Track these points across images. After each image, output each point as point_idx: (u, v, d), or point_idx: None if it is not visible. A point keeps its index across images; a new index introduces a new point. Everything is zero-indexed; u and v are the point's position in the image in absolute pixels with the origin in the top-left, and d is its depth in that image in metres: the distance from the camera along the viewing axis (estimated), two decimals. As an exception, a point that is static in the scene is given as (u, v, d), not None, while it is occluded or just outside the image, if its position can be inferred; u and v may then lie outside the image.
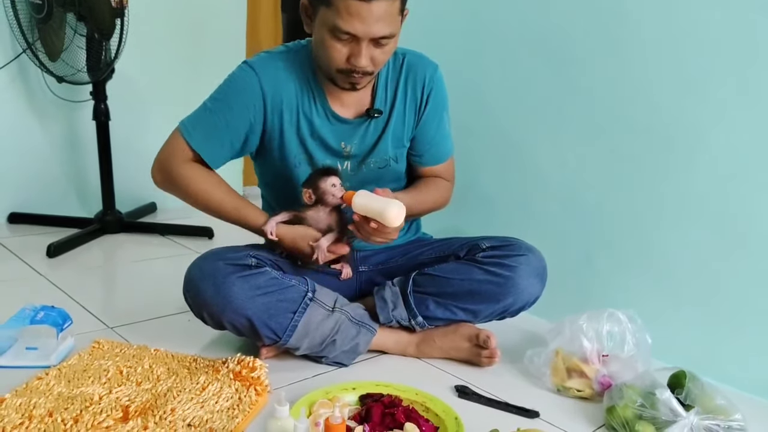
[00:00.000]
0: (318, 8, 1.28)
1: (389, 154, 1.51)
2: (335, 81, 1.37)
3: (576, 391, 1.39)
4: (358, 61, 1.29)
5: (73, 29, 2.20)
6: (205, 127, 1.41)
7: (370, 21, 1.23)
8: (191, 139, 1.41)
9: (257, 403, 1.26)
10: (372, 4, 1.22)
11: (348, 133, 1.46)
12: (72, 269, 2.02)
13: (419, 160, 1.56)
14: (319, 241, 1.37)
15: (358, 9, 1.22)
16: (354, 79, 1.34)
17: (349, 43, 1.28)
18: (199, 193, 1.42)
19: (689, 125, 1.55)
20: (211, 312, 1.35)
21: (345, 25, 1.24)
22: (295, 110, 1.42)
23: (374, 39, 1.27)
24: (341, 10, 1.23)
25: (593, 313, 1.42)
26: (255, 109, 1.39)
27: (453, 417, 1.20)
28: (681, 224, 1.59)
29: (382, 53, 1.31)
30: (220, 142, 1.41)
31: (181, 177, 1.42)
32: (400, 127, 1.49)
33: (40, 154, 2.46)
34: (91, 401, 1.21)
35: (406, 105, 1.49)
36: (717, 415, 1.20)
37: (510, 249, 1.49)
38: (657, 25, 1.59)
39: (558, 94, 1.81)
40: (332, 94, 1.43)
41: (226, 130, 1.40)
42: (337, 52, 1.29)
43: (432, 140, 1.54)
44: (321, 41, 1.30)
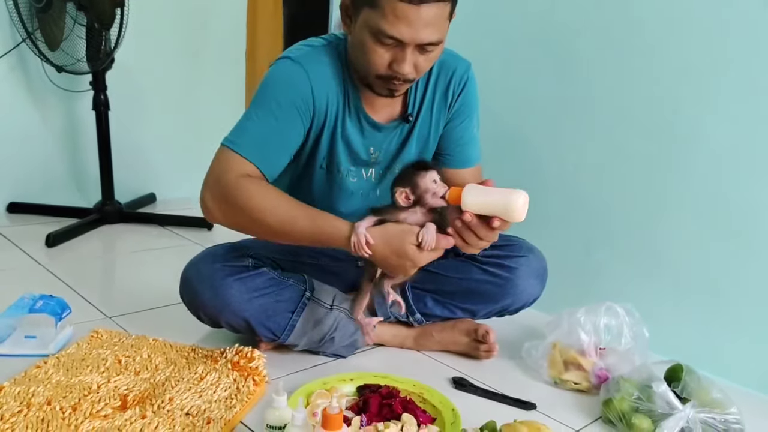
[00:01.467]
0: (361, 9, 1.17)
1: (412, 157, 1.41)
2: (372, 86, 1.26)
3: (573, 384, 1.40)
4: (401, 68, 1.18)
5: (73, 19, 2.19)
6: (254, 135, 1.25)
7: (419, 26, 1.13)
8: (242, 150, 1.23)
9: (255, 393, 1.26)
10: (422, 7, 1.11)
11: (378, 139, 1.37)
12: (71, 259, 2.02)
13: (447, 160, 1.44)
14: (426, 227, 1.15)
15: (407, 12, 1.11)
16: (393, 86, 1.24)
17: (392, 48, 1.17)
18: (265, 209, 1.21)
19: (690, 119, 1.56)
20: (208, 313, 1.35)
21: (391, 28, 1.13)
22: (334, 111, 1.31)
23: (420, 45, 1.16)
24: (388, 12, 1.12)
25: (591, 307, 1.43)
26: (306, 106, 1.26)
27: (450, 408, 1.21)
28: (680, 218, 1.60)
29: (426, 60, 1.21)
30: (274, 147, 1.26)
31: (239, 192, 1.21)
32: (426, 127, 1.40)
33: (39, 144, 2.46)
34: (89, 390, 1.21)
35: (434, 104, 1.39)
36: (713, 409, 1.21)
37: (510, 249, 1.47)
38: (657, 19, 1.59)
39: (557, 88, 1.82)
40: (366, 97, 1.32)
41: (280, 135, 1.26)
42: (378, 57, 1.18)
43: (459, 140, 1.44)
44: (362, 44, 1.19)
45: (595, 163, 1.76)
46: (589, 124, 1.76)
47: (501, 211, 1.09)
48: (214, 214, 1.26)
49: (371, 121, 1.34)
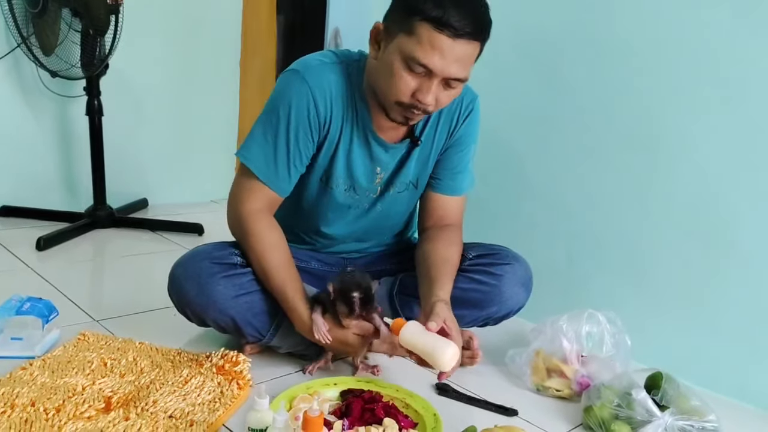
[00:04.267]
0: (396, 34, 1.20)
1: (410, 178, 1.46)
2: (388, 111, 1.29)
3: (555, 391, 1.41)
4: (424, 97, 1.21)
5: (68, 25, 2.20)
6: (265, 153, 1.32)
7: (450, 59, 1.17)
8: (256, 169, 1.32)
9: (239, 397, 1.27)
10: (457, 42, 1.16)
11: (385, 159, 1.41)
12: (61, 263, 2.03)
13: (435, 185, 1.49)
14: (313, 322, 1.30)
15: (442, 44, 1.15)
16: (410, 115, 1.26)
17: (420, 77, 1.20)
18: (259, 256, 1.33)
19: (674, 130, 1.58)
20: (194, 311, 1.36)
21: (424, 57, 1.16)
22: (337, 129, 1.35)
23: (447, 79, 1.20)
24: (424, 41, 1.16)
25: (573, 314, 1.44)
26: (310, 122, 1.31)
27: (432, 413, 1.22)
28: (663, 228, 1.62)
29: (447, 96, 1.25)
30: (285, 169, 1.33)
31: (248, 230, 1.34)
32: (428, 149, 1.44)
33: (32, 148, 2.47)
34: (74, 391, 1.22)
35: (438, 127, 1.43)
36: (691, 416, 1.22)
37: (496, 257, 1.50)
38: (643, 31, 1.62)
39: (543, 100, 1.84)
40: (376, 118, 1.36)
41: (289, 155, 1.32)
42: (404, 84, 1.21)
43: (453, 168, 1.48)
44: (389, 69, 1.21)
45: (580, 174, 1.78)
46: (574, 135, 1.78)
47: (428, 357, 1.20)
48: (230, 229, 1.41)
49: (380, 141, 1.38)
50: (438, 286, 1.34)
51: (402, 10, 1.20)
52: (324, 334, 1.28)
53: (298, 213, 1.50)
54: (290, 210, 1.49)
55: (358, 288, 1.26)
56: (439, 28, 1.15)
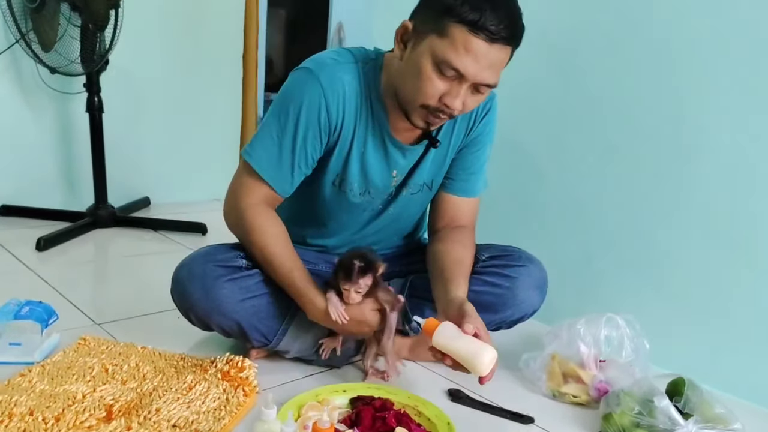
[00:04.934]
0: (427, 35, 1.14)
1: (425, 179, 1.42)
2: (410, 114, 1.24)
3: (572, 397, 1.37)
4: (452, 102, 1.16)
5: (67, 20, 2.16)
6: (270, 152, 1.28)
7: (484, 64, 1.12)
8: (259, 168, 1.28)
9: (245, 405, 1.22)
10: (493, 46, 1.11)
11: (399, 160, 1.36)
12: (61, 263, 1.98)
13: (449, 185, 1.45)
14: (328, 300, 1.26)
15: (478, 48, 1.11)
16: (434, 119, 1.21)
17: (449, 81, 1.15)
18: (259, 244, 1.29)
19: (694, 127, 1.53)
20: (198, 315, 1.32)
21: (457, 60, 1.11)
22: (350, 131, 1.30)
23: (477, 84, 1.15)
24: (458, 44, 1.11)
25: (591, 317, 1.39)
26: (320, 124, 1.26)
27: (445, 422, 1.17)
28: (683, 228, 1.57)
29: (474, 101, 1.20)
30: (289, 169, 1.29)
31: (247, 223, 1.29)
32: (444, 149, 1.39)
33: (32, 146, 2.43)
34: (74, 399, 1.18)
35: (455, 126, 1.38)
36: (716, 424, 1.18)
37: (510, 259, 1.45)
38: (661, 26, 1.57)
39: (559, 95, 1.79)
40: (391, 118, 1.31)
41: (293, 152, 1.27)
42: (433, 87, 1.16)
43: (468, 168, 1.44)
44: (418, 71, 1.16)
45: (597, 172, 1.72)
46: (591, 131, 1.73)
47: (467, 361, 1.14)
48: (228, 224, 1.36)
49: (397, 143, 1.33)
50: (455, 285, 1.29)
51: (435, 11, 1.14)
52: (341, 313, 1.24)
53: (310, 215, 1.46)
54: (301, 212, 1.45)
55: (361, 257, 1.23)
56: (476, 32, 1.10)
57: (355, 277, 1.23)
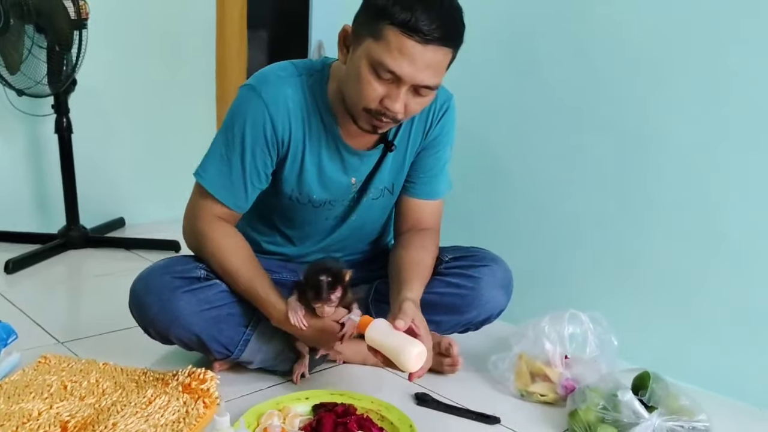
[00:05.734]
0: (363, 39, 1.15)
1: (385, 184, 1.42)
2: (356, 119, 1.24)
3: (540, 396, 1.36)
4: (392, 105, 1.16)
5: (32, 41, 2.15)
6: (221, 171, 1.29)
7: (420, 66, 1.12)
8: (213, 190, 1.29)
9: (204, 416, 1.20)
10: (428, 48, 1.10)
11: (357, 166, 1.37)
12: (29, 285, 1.96)
13: (411, 189, 1.45)
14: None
15: (412, 50, 1.10)
16: (379, 123, 1.21)
17: (388, 84, 1.15)
18: (218, 258, 1.30)
19: (657, 126, 1.54)
20: (157, 329, 1.30)
21: (392, 63, 1.11)
22: (301, 144, 1.30)
23: (416, 86, 1.15)
24: (393, 46, 1.10)
25: (555, 315, 1.39)
26: (267, 139, 1.27)
27: (408, 425, 1.16)
28: (647, 225, 1.57)
29: (417, 103, 1.20)
30: (242, 185, 1.29)
31: (204, 240, 1.31)
32: (402, 153, 1.39)
33: (1, 169, 2.41)
34: (29, 417, 1.16)
35: (412, 129, 1.38)
36: (681, 416, 1.17)
37: (473, 259, 1.44)
38: (623, 27, 1.58)
39: (523, 97, 1.80)
40: (344, 126, 1.31)
41: (244, 172, 1.28)
42: (372, 90, 1.16)
43: (429, 171, 1.44)
44: (357, 75, 1.16)
45: (561, 172, 1.73)
46: (554, 133, 1.74)
47: (394, 356, 1.14)
48: (188, 244, 1.39)
49: (351, 149, 1.34)
50: (407, 288, 1.28)
51: (370, 14, 1.15)
52: (300, 319, 1.22)
53: (273, 226, 1.46)
54: (263, 223, 1.46)
55: (326, 272, 1.20)
56: (408, 33, 1.10)
57: (325, 295, 1.20)
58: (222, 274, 1.31)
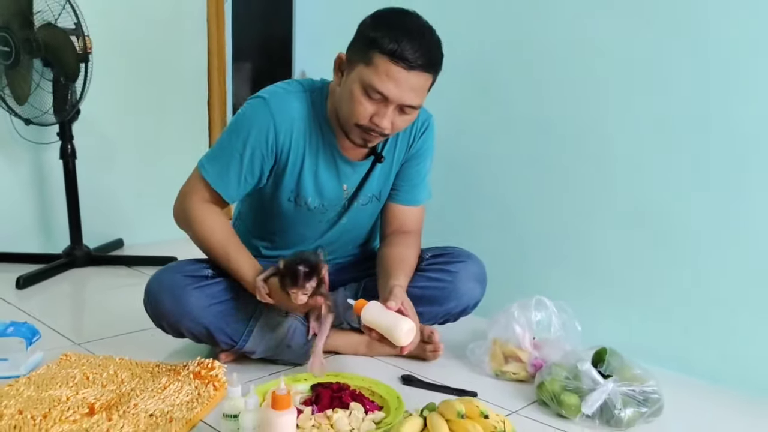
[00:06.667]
0: (357, 65, 1.33)
1: (373, 191, 1.58)
2: (349, 134, 1.42)
3: (512, 374, 1.52)
4: (380, 122, 1.34)
5: (40, 74, 2.32)
6: (221, 164, 1.45)
7: (405, 88, 1.30)
8: (209, 177, 1.45)
9: (215, 397, 1.36)
10: (411, 73, 1.29)
11: (350, 175, 1.53)
12: (40, 298, 2.09)
13: (394, 195, 1.62)
14: None
15: (398, 74, 1.29)
16: (369, 137, 1.39)
17: (377, 103, 1.33)
18: (202, 236, 1.47)
19: (605, 133, 1.75)
20: (170, 322, 1.45)
21: (380, 85, 1.30)
22: (301, 151, 1.46)
23: (401, 106, 1.33)
24: (381, 71, 1.29)
25: (523, 302, 1.56)
26: (268, 144, 1.43)
27: (395, 396, 1.32)
28: (603, 223, 1.77)
29: (402, 120, 1.38)
30: (236, 177, 1.45)
31: (191, 216, 1.47)
32: (389, 164, 1.57)
33: (8, 195, 2.55)
34: (59, 401, 1.30)
35: (397, 143, 1.56)
36: (633, 382, 1.34)
37: (450, 256, 1.62)
38: (565, 44, 1.81)
39: (487, 111, 2.01)
40: (339, 138, 1.48)
41: (241, 166, 1.44)
42: (363, 108, 1.34)
43: (411, 180, 1.61)
44: (350, 95, 1.35)
45: (524, 177, 1.94)
46: (515, 142, 1.95)
47: (387, 332, 1.30)
48: (176, 220, 1.54)
49: (345, 159, 1.51)
50: (394, 277, 1.44)
51: (362, 43, 1.35)
52: (263, 295, 1.36)
53: (270, 229, 1.62)
54: (262, 226, 1.62)
55: (304, 262, 1.32)
56: (395, 60, 1.29)
57: (301, 282, 1.31)
58: (203, 247, 1.48)
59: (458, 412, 1.14)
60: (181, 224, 1.52)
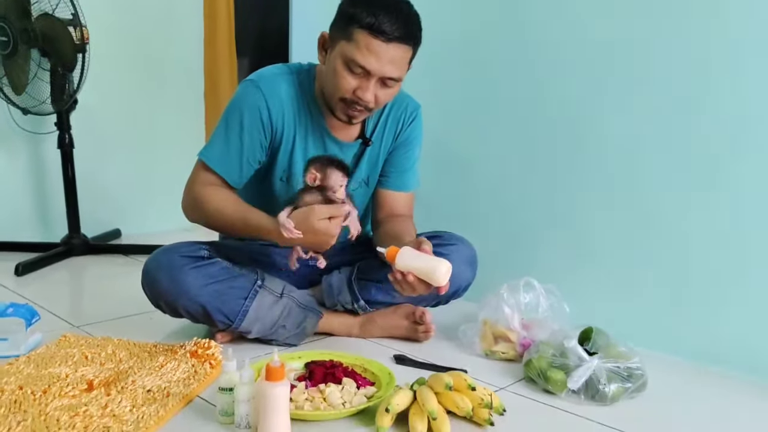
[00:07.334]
0: (338, 41, 1.39)
1: (363, 176, 1.63)
2: (334, 110, 1.47)
3: (501, 354, 1.56)
4: (363, 95, 1.39)
5: (37, 64, 2.35)
6: (222, 149, 1.50)
7: (384, 60, 1.36)
8: (211, 163, 1.50)
9: (211, 374, 1.39)
10: (390, 45, 1.35)
11: (336, 154, 1.54)
12: (39, 285, 2.13)
13: (384, 182, 1.66)
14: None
15: (377, 48, 1.34)
16: (353, 111, 1.44)
17: (359, 77, 1.38)
18: (215, 211, 1.49)
19: (594, 119, 1.79)
20: (167, 300, 1.49)
21: (361, 59, 1.35)
22: (292, 130, 1.52)
23: (383, 78, 1.39)
24: (361, 45, 1.35)
25: (512, 284, 1.59)
26: (263, 123, 1.48)
27: (387, 372, 1.35)
28: (589, 207, 1.81)
29: (385, 94, 1.42)
30: (238, 161, 1.50)
31: (200, 199, 1.50)
32: (377, 150, 1.62)
33: (7, 184, 2.58)
34: (58, 378, 1.33)
35: (385, 131, 1.61)
36: (618, 359, 1.37)
37: (442, 239, 1.64)
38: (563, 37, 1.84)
39: (480, 99, 2.04)
40: (329, 120, 1.53)
41: (241, 149, 1.49)
42: (346, 82, 1.39)
43: (400, 167, 1.66)
44: (333, 70, 1.40)
45: (517, 165, 1.97)
46: (508, 132, 1.98)
47: (426, 275, 1.31)
48: (187, 214, 1.56)
49: (334, 139, 1.56)
50: (408, 235, 1.48)
51: (342, 20, 1.40)
52: (291, 230, 1.36)
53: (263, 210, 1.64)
54: None
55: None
56: (374, 34, 1.35)
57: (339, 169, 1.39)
58: (221, 224, 1.52)
59: (446, 384, 1.17)
60: (193, 214, 1.54)
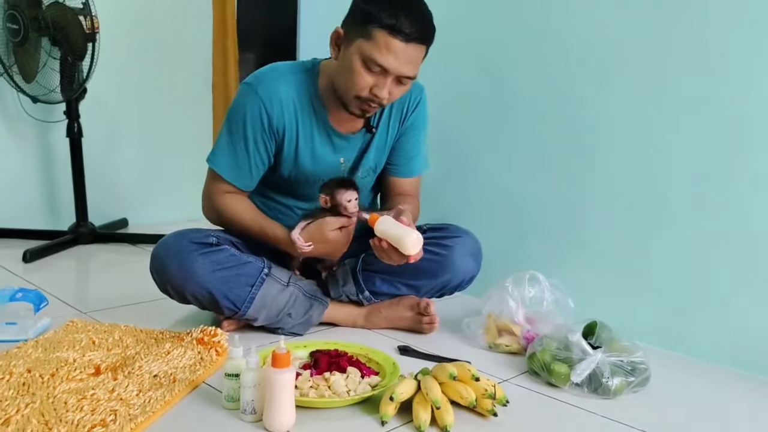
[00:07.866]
0: (355, 39, 1.40)
1: (371, 164, 1.65)
2: (348, 106, 1.48)
3: (505, 347, 1.56)
4: (380, 92, 1.41)
5: (47, 53, 2.36)
6: (230, 158, 1.55)
7: (403, 60, 1.38)
8: (223, 173, 1.56)
9: (217, 361, 1.40)
10: (409, 45, 1.37)
11: (345, 148, 1.60)
12: (47, 271, 2.14)
13: (393, 170, 1.70)
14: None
15: (396, 47, 1.36)
16: (368, 107, 1.46)
17: (376, 75, 1.40)
18: (235, 220, 1.58)
19: (602, 117, 1.79)
20: (174, 285, 1.50)
21: (380, 58, 1.37)
22: (295, 129, 1.54)
23: (399, 77, 1.41)
24: (381, 44, 1.36)
25: (517, 276, 1.60)
26: (264, 128, 1.51)
27: (391, 362, 1.36)
28: (597, 202, 1.81)
29: (399, 90, 1.45)
30: (247, 167, 1.55)
31: (219, 209, 1.60)
32: (384, 137, 1.63)
33: (15, 172, 2.59)
34: (66, 362, 1.35)
35: (391, 118, 1.63)
36: (621, 353, 1.38)
37: (447, 232, 1.67)
38: (573, 35, 1.84)
39: (490, 95, 2.05)
40: (333, 114, 1.55)
41: (248, 155, 1.54)
42: (363, 80, 1.40)
43: (407, 153, 1.68)
44: (350, 68, 1.41)
45: (525, 160, 1.97)
46: (517, 128, 1.98)
47: (397, 243, 1.39)
48: (208, 219, 1.67)
49: (339, 133, 1.58)
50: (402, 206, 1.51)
51: (359, 18, 1.40)
52: (302, 243, 1.47)
53: (272, 208, 1.66)
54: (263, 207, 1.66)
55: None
56: (393, 34, 1.36)
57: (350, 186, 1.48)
58: (240, 231, 1.59)
59: (450, 374, 1.18)
60: (214, 221, 1.65)
